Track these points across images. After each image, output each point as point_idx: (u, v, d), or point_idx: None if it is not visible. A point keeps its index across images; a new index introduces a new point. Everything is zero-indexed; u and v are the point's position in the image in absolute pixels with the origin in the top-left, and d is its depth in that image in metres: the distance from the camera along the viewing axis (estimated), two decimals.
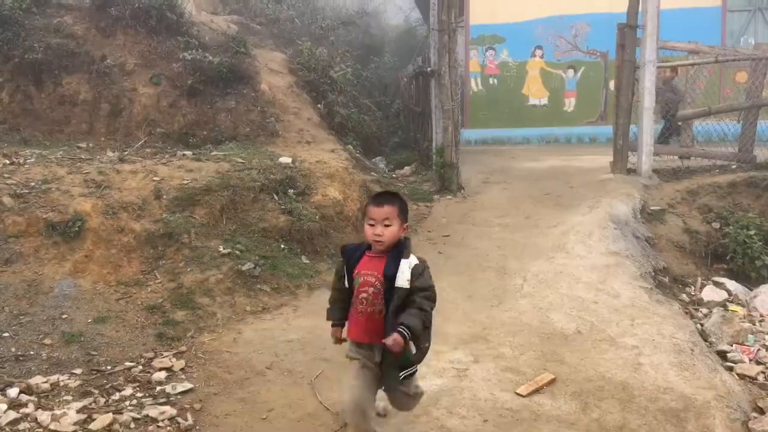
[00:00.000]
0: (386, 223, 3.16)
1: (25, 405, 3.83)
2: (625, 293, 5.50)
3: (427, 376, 4.35)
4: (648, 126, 8.71)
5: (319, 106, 10.27)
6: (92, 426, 3.66)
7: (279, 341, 4.92)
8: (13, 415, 3.70)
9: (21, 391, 3.95)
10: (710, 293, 6.31)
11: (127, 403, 3.97)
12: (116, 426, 3.69)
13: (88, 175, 6.13)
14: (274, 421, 3.85)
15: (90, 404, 3.92)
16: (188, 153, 7.68)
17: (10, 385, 4.02)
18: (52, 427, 3.64)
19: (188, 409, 3.91)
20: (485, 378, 4.33)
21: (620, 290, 5.55)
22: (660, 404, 3.99)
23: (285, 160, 7.56)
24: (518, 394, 4.11)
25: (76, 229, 5.46)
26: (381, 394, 3.51)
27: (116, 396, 4.04)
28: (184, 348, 4.71)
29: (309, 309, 5.57)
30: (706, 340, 5.07)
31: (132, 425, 3.71)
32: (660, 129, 10.62)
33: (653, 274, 6.17)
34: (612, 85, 12.37)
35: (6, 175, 5.87)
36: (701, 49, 9.38)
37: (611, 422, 3.82)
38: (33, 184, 5.79)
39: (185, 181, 6.43)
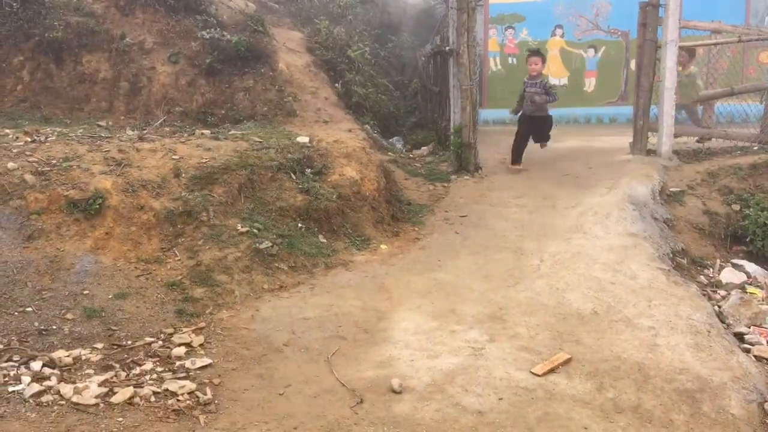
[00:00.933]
0: None
1: (48, 378, 3.92)
2: (643, 274, 5.48)
3: (443, 355, 4.38)
4: (669, 106, 8.60)
5: (336, 85, 10.25)
6: (113, 399, 3.74)
7: (296, 319, 4.97)
8: (36, 387, 3.78)
9: (44, 365, 4.04)
10: (729, 275, 6.27)
11: (148, 377, 4.04)
12: (137, 399, 3.77)
13: (108, 153, 6.18)
14: (292, 397, 3.91)
15: (111, 378, 3.99)
16: (206, 132, 7.71)
17: (34, 358, 4.11)
18: (74, 399, 3.72)
19: (207, 384, 3.97)
20: (501, 357, 4.36)
21: (638, 271, 5.52)
22: (676, 385, 4.00)
23: (302, 139, 7.57)
24: (534, 374, 4.13)
25: (97, 206, 5.52)
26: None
27: (137, 370, 4.11)
28: (203, 324, 4.78)
29: (325, 287, 5.62)
30: (723, 322, 5.05)
31: (152, 399, 3.78)
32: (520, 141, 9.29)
33: (671, 255, 6.14)
34: (633, 65, 12.21)
35: (28, 153, 5.93)
36: (724, 28, 9.22)
37: (626, 402, 3.84)
38: (54, 161, 5.85)
39: (204, 160, 6.47)
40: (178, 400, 3.77)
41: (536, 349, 4.46)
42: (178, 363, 4.22)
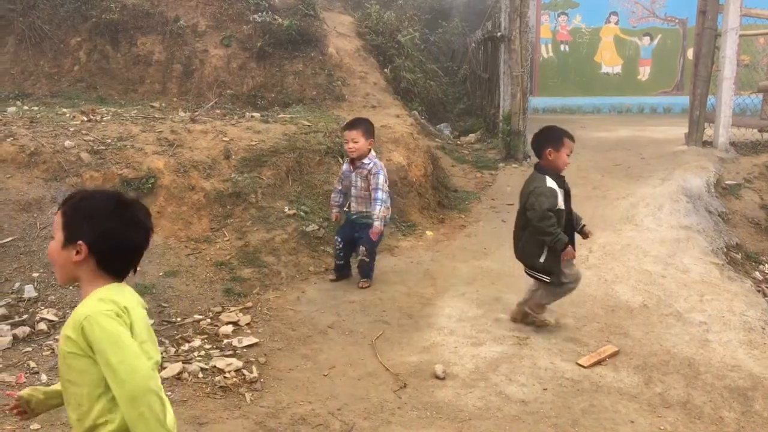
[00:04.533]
0: None
1: None
2: (695, 268, 5.35)
3: (487, 343, 4.36)
4: (727, 97, 8.35)
5: (385, 70, 10.23)
6: (163, 374, 3.82)
7: (341, 302, 5.01)
8: None
9: None
10: None
11: (196, 353, 4.12)
12: (185, 375, 3.85)
13: (161, 134, 6.29)
14: (335, 378, 3.94)
15: (161, 353, 4.08)
16: (256, 115, 7.79)
17: None
18: None
19: (253, 362, 4.03)
20: (546, 347, 4.31)
21: (690, 265, 5.39)
22: (727, 382, 3.90)
23: None
24: (580, 365, 4.08)
25: (150, 185, 5.64)
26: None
27: (185, 346, 4.20)
28: (250, 304, 4.85)
29: None
30: None
31: (200, 375, 3.86)
32: None
33: (725, 250, 5.97)
34: (690, 53, 11.88)
35: (84, 132, 6.08)
36: None
37: (675, 397, 3.76)
38: (109, 141, 5.99)
39: (253, 143, 6.54)
40: (224, 377, 3.84)
41: (583, 340, 4.40)
42: (225, 341, 4.29)
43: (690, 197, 6.62)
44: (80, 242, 1.89)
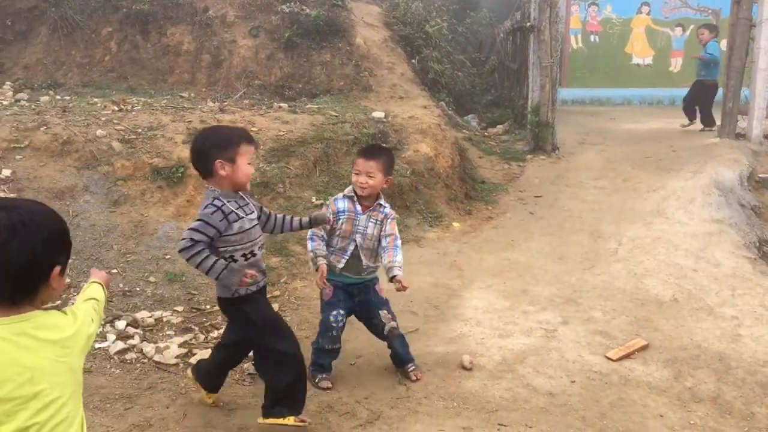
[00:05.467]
0: None
1: (132, 337, 4.09)
2: (727, 262, 5.27)
3: (514, 335, 4.34)
4: (762, 88, 8.20)
5: (413, 61, 10.19)
6: (192, 360, 3.86)
7: None
8: (121, 345, 3.96)
9: (128, 324, 4.22)
10: None
11: None
12: None
13: (190, 124, 6.35)
14: (362, 368, 3.96)
15: (190, 340, 4.13)
16: (284, 105, 7.81)
17: (119, 317, 4.29)
18: (156, 358, 3.88)
19: None
20: (574, 340, 4.28)
21: (722, 259, 5.32)
22: (759, 377, 3.84)
23: (378, 114, 7.58)
24: (608, 358, 4.04)
25: (179, 174, 5.69)
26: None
27: (214, 333, 4.24)
28: (278, 292, 4.88)
29: None
30: None
31: None
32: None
33: (758, 244, 5.88)
34: (723, 44, 11.66)
35: (115, 122, 6.16)
36: None
37: (705, 392, 3.71)
38: (140, 130, 6.06)
39: (281, 133, 6.57)
40: (253, 364, 3.87)
41: (611, 333, 4.37)
42: None
43: (722, 190, 6.52)
44: None
